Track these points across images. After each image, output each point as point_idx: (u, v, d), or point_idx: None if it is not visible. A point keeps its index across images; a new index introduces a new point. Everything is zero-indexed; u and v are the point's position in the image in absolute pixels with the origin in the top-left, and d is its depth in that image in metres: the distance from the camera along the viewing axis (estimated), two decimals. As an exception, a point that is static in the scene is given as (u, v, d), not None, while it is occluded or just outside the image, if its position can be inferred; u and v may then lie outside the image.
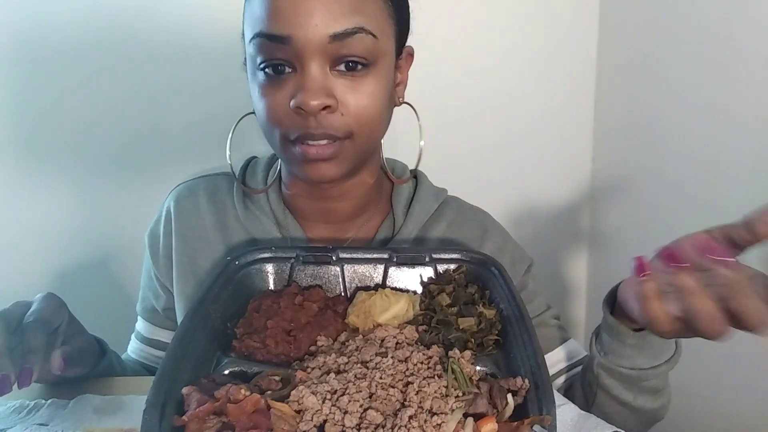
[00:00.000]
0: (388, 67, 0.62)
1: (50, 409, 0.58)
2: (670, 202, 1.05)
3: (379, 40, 0.59)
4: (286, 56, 0.57)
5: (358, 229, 0.74)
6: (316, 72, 0.57)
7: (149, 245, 0.78)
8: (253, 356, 0.53)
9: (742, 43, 0.88)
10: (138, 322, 0.83)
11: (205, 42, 1.12)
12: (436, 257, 0.64)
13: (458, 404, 0.45)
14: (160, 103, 1.15)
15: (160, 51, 1.12)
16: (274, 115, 0.59)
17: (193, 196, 0.76)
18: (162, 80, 1.14)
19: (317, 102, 0.56)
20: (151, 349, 0.80)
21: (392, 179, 0.75)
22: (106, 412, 0.58)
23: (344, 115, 0.59)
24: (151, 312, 0.80)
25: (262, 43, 0.57)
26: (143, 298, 0.82)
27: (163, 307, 0.78)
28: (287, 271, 0.64)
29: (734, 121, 0.90)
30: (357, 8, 0.56)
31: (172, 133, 1.16)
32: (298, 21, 0.55)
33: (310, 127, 0.58)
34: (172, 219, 0.75)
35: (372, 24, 0.58)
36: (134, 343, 0.81)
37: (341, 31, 0.56)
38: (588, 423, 0.55)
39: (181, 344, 0.49)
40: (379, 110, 0.61)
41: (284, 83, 0.58)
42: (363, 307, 0.59)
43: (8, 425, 0.55)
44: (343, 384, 0.46)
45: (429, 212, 0.75)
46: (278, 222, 0.73)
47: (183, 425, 0.42)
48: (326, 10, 0.55)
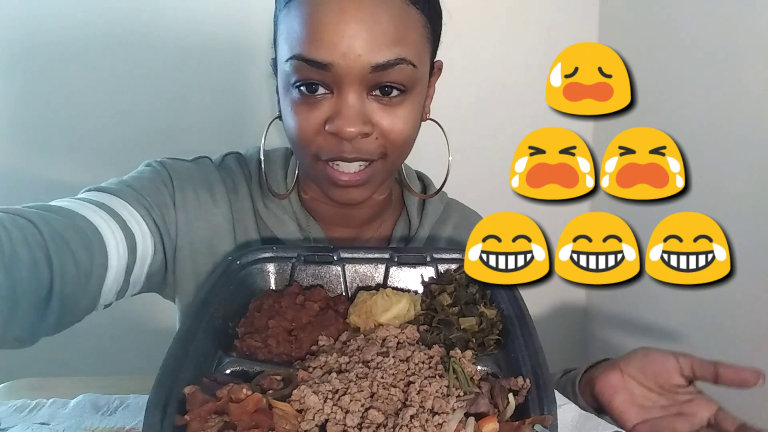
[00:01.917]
0: (422, 90, 0.62)
1: (51, 408, 0.58)
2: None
3: (418, 69, 0.58)
4: (324, 80, 0.56)
5: (375, 231, 0.75)
6: (353, 99, 0.56)
7: (196, 175, 0.68)
8: (255, 356, 0.53)
9: (741, 44, 0.88)
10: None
11: (213, 43, 1.12)
12: (437, 257, 0.65)
13: (459, 404, 0.45)
14: (168, 103, 1.15)
15: (166, 52, 1.12)
16: (305, 135, 0.58)
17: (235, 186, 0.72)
18: (169, 81, 1.14)
19: (355, 129, 0.56)
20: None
21: (416, 194, 0.75)
22: (107, 412, 0.58)
23: (378, 138, 0.58)
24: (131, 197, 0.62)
25: (300, 66, 0.55)
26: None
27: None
28: (288, 270, 0.64)
29: (734, 120, 0.90)
30: (400, 38, 0.55)
31: (179, 133, 1.16)
32: (340, 49, 0.53)
33: (345, 151, 0.57)
34: (226, 189, 0.70)
35: (413, 53, 0.57)
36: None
37: (384, 63, 0.55)
38: (589, 423, 0.55)
39: (182, 344, 0.49)
40: (412, 132, 0.61)
41: (319, 104, 0.57)
42: (364, 306, 0.59)
43: (10, 424, 0.55)
44: (344, 383, 0.46)
45: (437, 214, 0.77)
46: (300, 224, 0.72)
47: (185, 424, 0.42)
48: (370, 39, 0.53)
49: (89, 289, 0.53)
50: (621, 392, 0.59)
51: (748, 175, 0.88)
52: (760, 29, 0.85)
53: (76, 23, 1.08)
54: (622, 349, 0.61)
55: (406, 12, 0.56)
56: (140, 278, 0.63)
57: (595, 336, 1.39)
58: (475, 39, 1.21)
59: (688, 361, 0.57)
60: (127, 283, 0.60)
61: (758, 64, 0.85)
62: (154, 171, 0.67)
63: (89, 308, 0.56)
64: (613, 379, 0.59)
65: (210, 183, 0.69)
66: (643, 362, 0.59)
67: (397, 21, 0.55)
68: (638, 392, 0.59)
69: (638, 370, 0.59)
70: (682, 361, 0.58)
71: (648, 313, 1.15)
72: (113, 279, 0.56)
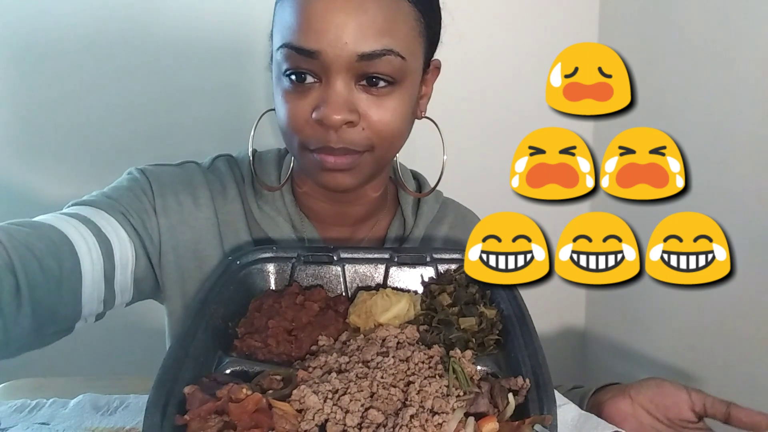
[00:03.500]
0: (413, 84, 0.62)
1: (51, 408, 0.58)
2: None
3: (407, 61, 0.58)
4: (313, 68, 0.57)
5: (369, 230, 0.75)
6: (340, 87, 0.57)
7: (178, 180, 0.68)
8: (255, 356, 0.53)
9: (742, 44, 0.88)
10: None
11: (209, 43, 1.12)
12: (437, 257, 0.65)
13: (459, 404, 0.45)
14: (162, 105, 1.15)
15: (162, 53, 1.12)
16: (294, 123, 0.59)
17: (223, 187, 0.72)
18: (164, 82, 1.14)
19: (340, 117, 0.56)
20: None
21: (410, 192, 0.75)
22: (107, 412, 0.58)
23: (365, 129, 0.59)
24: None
25: (289, 54, 0.57)
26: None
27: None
28: (288, 270, 0.64)
29: (734, 120, 0.90)
30: (388, 29, 0.56)
31: (174, 134, 1.16)
32: (328, 37, 0.55)
33: (331, 141, 0.58)
34: (213, 193, 0.70)
35: (401, 45, 0.57)
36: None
37: (369, 52, 0.55)
38: (589, 423, 0.55)
39: (182, 344, 0.49)
40: (401, 126, 0.61)
41: (308, 92, 0.58)
42: (364, 306, 0.59)
43: (10, 424, 0.55)
44: (344, 383, 0.46)
45: (433, 213, 0.77)
46: (293, 224, 0.72)
47: (185, 424, 0.42)
48: (357, 29, 0.55)
49: (63, 295, 0.54)
50: (629, 420, 0.58)
51: (748, 175, 0.88)
52: (760, 29, 0.85)
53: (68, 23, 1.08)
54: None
55: (396, 4, 0.57)
56: (127, 285, 0.63)
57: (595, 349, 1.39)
58: (475, 39, 1.21)
59: (701, 398, 0.57)
60: (111, 291, 0.60)
61: (758, 64, 0.85)
62: (132, 179, 0.68)
63: (72, 316, 0.56)
64: (622, 405, 0.59)
65: (193, 186, 0.69)
66: (654, 393, 0.59)
67: (385, 12, 0.56)
68: (647, 422, 0.58)
69: (649, 400, 0.58)
70: (694, 397, 0.57)
71: (648, 316, 1.15)
72: (91, 285, 0.56)
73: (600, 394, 0.63)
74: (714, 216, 0.49)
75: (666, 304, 1.08)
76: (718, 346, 0.97)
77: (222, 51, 1.13)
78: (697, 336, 1.02)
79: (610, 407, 0.59)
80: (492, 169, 1.31)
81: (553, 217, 0.53)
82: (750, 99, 0.87)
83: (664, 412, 0.58)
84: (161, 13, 1.11)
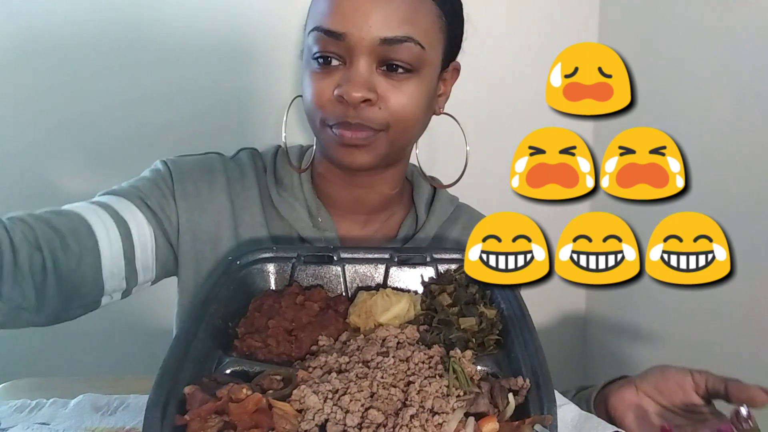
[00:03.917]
0: (431, 76, 0.66)
1: (51, 408, 0.59)
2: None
3: (426, 51, 0.63)
4: (339, 50, 0.62)
5: (382, 223, 0.78)
6: (362, 68, 0.61)
7: (198, 168, 0.73)
8: (255, 356, 0.53)
9: (742, 44, 0.88)
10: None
11: (210, 42, 1.12)
12: (437, 257, 0.65)
13: (459, 404, 0.45)
14: (164, 102, 1.15)
15: (163, 50, 1.12)
16: (318, 100, 0.64)
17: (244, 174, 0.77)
18: (166, 79, 1.14)
19: (359, 95, 0.61)
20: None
21: (432, 183, 0.80)
22: (107, 412, 0.58)
23: (382, 109, 0.63)
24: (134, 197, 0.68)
25: (319, 36, 0.62)
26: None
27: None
28: (288, 270, 0.64)
29: (734, 120, 0.90)
30: (410, 19, 0.61)
31: (177, 131, 1.16)
32: (354, 20, 0.60)
33: (349, 116, 0.62)
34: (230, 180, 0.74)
35: (422, 35, 0.62)
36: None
37: (391, 37, 0.61)
38: (589, 423, 0.55)
39: (182, 343, 0.49)
40: (417, 111, 0.65)
41: (333, 73, 0.63)
42: (364, 306, 0.59)
43: (10, 424, 0.55)
44: (344, 383, 0.46)
45: (447, 214, 0.80)
46: (310, 210, 0.75)
47: (185, 424, 0.42)
48: (382, 15, 0.60)
49: (84, 271, 0.60)
50: (635, 409, 0.58)
51: (748, 175, 0.88)
52: (760, 29, 0.85)
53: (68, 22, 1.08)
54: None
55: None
56: (149, 264, 0.68)
57: (596, 343, 1.39)
58: (474, 39, 1.21)
59: (703, 378, 0.56)
60: (132, 268, 0.65)
61: (758, 64, 0.85)
62: (155, 170, 0.74)
63: (95, 291, 0.62)
64: (627, 395, 0.59)
65: (211, 173, 0.74)
66: (659, 379, 0.58)
67: (409, 3, 0.61)
68: (652, 409, 0.58)
69: (654, 387, 0.58)
70: (696, 378, 0.56)
71: (648, 317, 1.15)
72: (110, 263, 0.63)
73: (607, 388, 0.62)
74: (714, 216, 0.49)
75: (666, 297, 1.08)
76: (718, 346, 0.97)
77: (228, 47, 1.13)
78: (697, 334, 1.02)
79: (615, 398, 0.59)
80: (492, 169, 1.31)
81: (553, 217, 0.53)
82: (750, 99, 0.87)
83: (670, 397, 0.57)
84: (166, 8, 1.11)
